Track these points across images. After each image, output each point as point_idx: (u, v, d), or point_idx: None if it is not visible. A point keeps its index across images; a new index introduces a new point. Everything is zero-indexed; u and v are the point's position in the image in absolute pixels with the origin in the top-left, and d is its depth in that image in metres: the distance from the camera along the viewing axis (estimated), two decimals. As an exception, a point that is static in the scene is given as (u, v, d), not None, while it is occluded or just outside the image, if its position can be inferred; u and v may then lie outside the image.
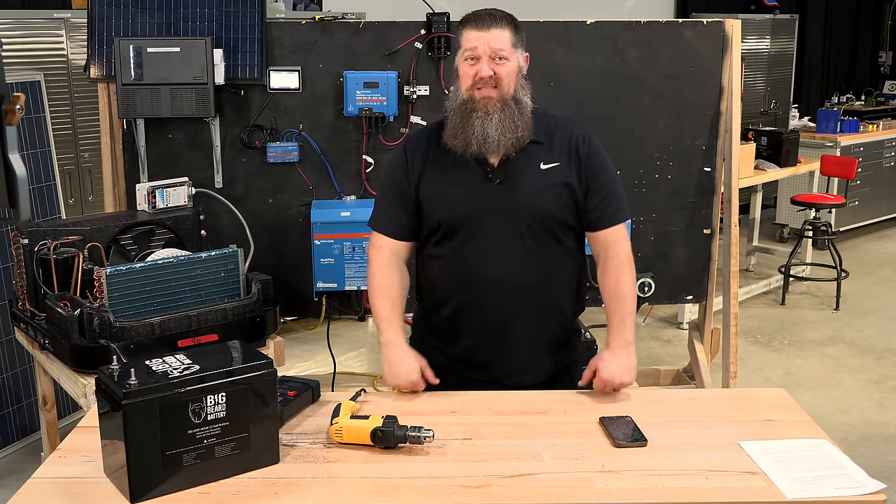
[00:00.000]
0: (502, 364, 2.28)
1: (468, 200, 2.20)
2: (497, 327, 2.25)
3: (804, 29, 8.42)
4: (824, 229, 6.00)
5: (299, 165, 3.39)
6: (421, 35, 3.33)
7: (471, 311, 2.26)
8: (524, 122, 2.17)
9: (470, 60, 2.15)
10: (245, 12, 3.26)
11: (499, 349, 2.27)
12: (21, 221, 1.71)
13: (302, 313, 3.57)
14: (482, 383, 2.27)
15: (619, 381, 2.15)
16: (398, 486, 1.74)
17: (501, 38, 2.14)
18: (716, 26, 3.48)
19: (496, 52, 2.13)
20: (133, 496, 1.66)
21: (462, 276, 2.23)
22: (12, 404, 3.67)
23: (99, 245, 2.77)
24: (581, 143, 2.23)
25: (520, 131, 2.16)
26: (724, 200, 3.67)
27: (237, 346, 1.90)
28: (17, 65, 3.89)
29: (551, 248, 2.23)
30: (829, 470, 1.79)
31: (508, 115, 2.15)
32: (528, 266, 2.21)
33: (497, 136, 2.14)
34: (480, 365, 2.29)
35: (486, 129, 2.14)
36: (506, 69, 2.15)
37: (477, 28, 2.14)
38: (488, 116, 2.14)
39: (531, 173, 2.19)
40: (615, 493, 1.72)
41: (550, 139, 2.23)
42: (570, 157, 2.22)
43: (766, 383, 4.51)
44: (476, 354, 2.29)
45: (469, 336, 2.28)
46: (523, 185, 2.19)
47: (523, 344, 2.27)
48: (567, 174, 2.21)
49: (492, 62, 2.14)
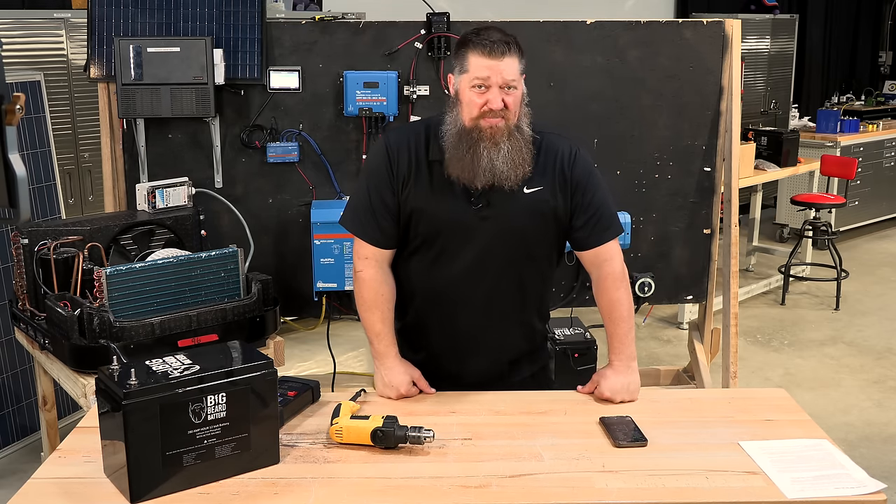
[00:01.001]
0: (470, 376, 2.26)
1: (449, 220, 2.14)
2: (464, 343, 2.25)
3: (804, 29, 8.42)
4: (824, 229, 6.00)
5: (299, 165, 3.39)
6: (421, 35, 3.33)
7: (438, 325, 2.25)
8: (529, 154, 2.11)
9: (478, 89, 2.06)
10: (245, 12, 3.26)
11: (464, 361, 2.27)
12: (21, 221, 1.71)
13: (302, 313, 3.57)
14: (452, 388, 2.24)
15: (619, 398, 2.13)
16: (398, 486, 1.74)
17: (512, 68, 2.05)
18: (716, 26, 3.48)
19: (507, 83, 2.05)
20: (133, 496, 1.66)
21: (432, 291, 2.22)
22: (12, 404, 3.67)
23: (99, 245, 2.77)
24: (567, 162, 2.17)
25: (527, 165, 2.10)
26: (724, 200, 3.67)
27: (237, 347, 1.90)
28: (17, 65, 3.89)
29: (525, 269, 2.22)
30: (829, 470, 1.79)
31: (516, 145, 2.08)
32: (500, 288, 2.20)
33: (506, 169, 2.07)
34: (448, 377, 2.26)
35: (493, 161, 2.06)
36: (514, 98, 2.07)
37: (490, 56, 2.03)
38: (497, 147, 2.07)
39: (514, 198, 2.13)
40: (615, 493, 1.72)
41: (535, 160, 2.14)
42: (556, 177, 2.16)
43: (766, 383, 4.51)
44: (443, 366, 2.27)
45: (435, 347, 2.27)
46: (505, 211, 2.14)
47: (489, 358, 2.27)
48: (550, 197, 2.16)
49: (502, 92, 2.05)
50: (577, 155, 2.19)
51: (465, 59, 2.08)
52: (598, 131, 3.44)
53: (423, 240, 2.18)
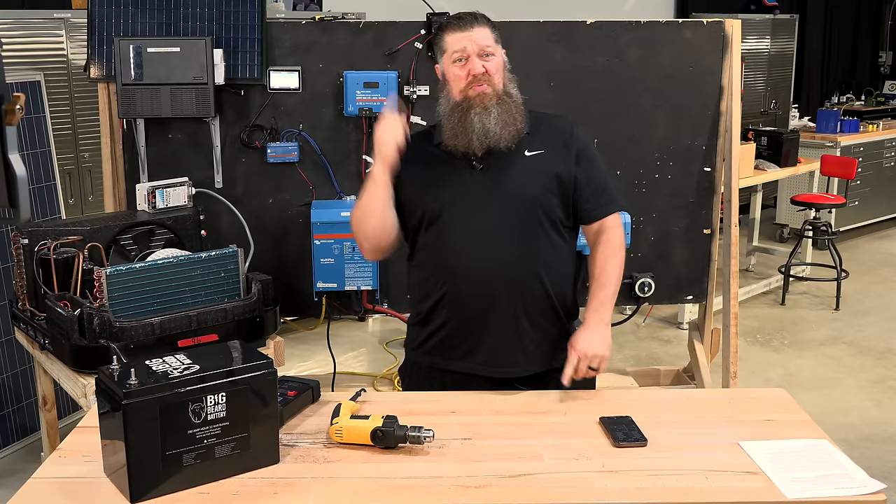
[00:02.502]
0: (485, 352, 2.23)
1: (450, 188, 2.21)
2: (481, 314, 2.22)
3: (804, 29, 8.42)
4: (824, 229, 6.00)
5: (299, 165, 3.39)
6: (421, 35, 3.33)
7: (454, 298, 2.24)
8: (521, 114, 2.21)
9: (459, 62, 2.18)
10: (245, 12, 3.26)
11: (482, 336, 2.23)
12: (21, 221, 1.71)
13: (302, 313, 3.57)
14: (466, 377, 2.24)
15: (592, 352, 2.13)
16: (398, 486, 1.74)
17: (485, 35, 2.19)
18: (716, 26, 3.48)
19: (483, 49, 2.18)
20: (133, 496, 1.66)
21: (445, 263, 2.23)
22: (12, 404, 3.67)
23: (99, 245, 2.77)
24: (569, 135, 2.26)
25: (518, 123, 2.19)
26: (724, 200, 3.67)
27: (237, 346, 1.90)
28: (17, 65, 3.89)
29: (538, 239, 2.21)
30: (829, 470, 1.79)
31: (506, 108, 2.18)
32: (512, 253, 2.19)
33: (498, 129, 2.16)
34: (463, 354, 2.25)
35: (485, 124, 2.16)
36: (495, 64, 2.20)
37: (461, 29, 2.18)
38: (487, 111, 2.16)
39: (515, 160, 2.21)
40: (615, 493, 1.72)
41: (536, 130, 2.25)
42: (559, 148, 2.24)
43: (766, 383, 4.51)
44: (459, 343, 2.25)
45: (452, 323, 2.25)
46: (506, 171, 2.20)
47: (507, 332, 2.23)
48: (554, 163, 2.22)
49: (481, 59, 2.18)
50: (576, 128, 2.30)
51: (442, 41, 2.23)
52: (598, 131, 3.44)
53: (428, 216, 2.23)
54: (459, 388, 2.22)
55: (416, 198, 2.24)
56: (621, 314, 4.62)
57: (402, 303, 3.50)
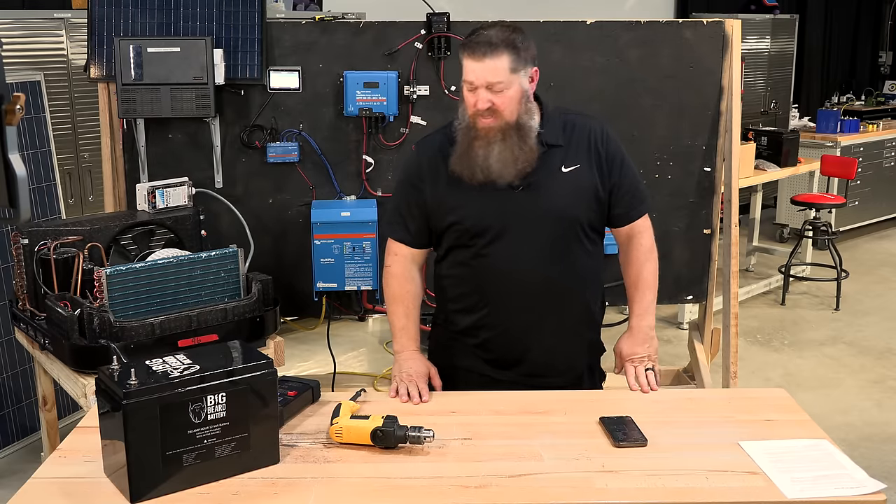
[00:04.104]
0: (532, 365, 2.29)
1: (491, 208, 2.19)
2: (526, 329, 2.25)
3: (804, 29, 8.42)
4: (824, 229, 6.00)
5: (299, 165, 3.39)
6: (421, 35, 3.33)
7: (499, 314, 2.26)
8: (524, 152, 2.14)
9: (470, 88, 2.13)
10: (245, 12, 3.26)
11: (528, 350, 2.28)
12: (21, 221, 1.71)
13: (302, 313, 3.57)
14: (511, 384, 2.27)
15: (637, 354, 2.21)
16: (398, 486, 1.74)
17: (496, 69, 2.08)
18: (716, 26, 3.48)
19: (492, 84, 2.09)
20: (133, 496, 1.66)
21: (488, 281, 2.23)
22: (12, 404, 3.67)
23: (99, 245, 2.77)
24: (600, 139, 2.24)
25: (519, 163, 2.14)
26: (724, 200, 3.67)
27: (237, 346, 1.90)
28: (17, 65, 3.88)
29: (575, 250, 2.24)
30: (829, 470, 1.79)
31: (508, 145, 2.13)
32: (554, 268, 2.21)
33: (498, 168, 2.14)
34: (509, 365, 2.30)
35: (487, 160, 2.14)
36: (503, 99, 2.11)
37: (473, 59, 2.09)
38: (489, 146, 2.13)
39: (553, 177, 2.19)
40: (615, 493, 1.72)
41: (568, 140, 2.22)
42: (591, 156, 2.22)
43: (766, 383, 4.51)
44: (506, 355, 2.30)
45: (498, 339, 2.28)
46: (545, 190, 2.18)
47: (552, 344, 2.28)
48: (589, 175, 2.21)
49: (489, 92, 2.10)
50: (608, 132, 2.27)
51: (460, 56, 2.16)
52: (598, 131, 3.44)
53: (469, 234, 2.22)
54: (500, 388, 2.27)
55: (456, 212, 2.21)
56: (621, 314, 4.63)
57: (402, 303, 3.51)
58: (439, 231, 2.27)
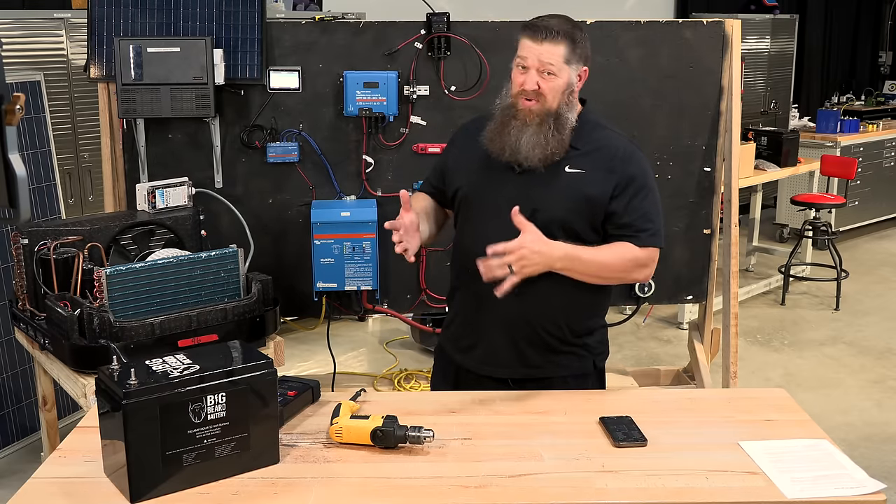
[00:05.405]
0: (482, 350, 2.28)
1: (487, 181, 2.23)
2: (481, 312, 2.25)
3: (804, 29, 8.42)
4: (824, 229, 6.00)
5: (299, 165, 3.39)
6: (421, 35, 3.33)
7: (465, 292, 2.30)
8: (557, 141, 2.15)
9: (520, 68, 2.15)
10: (245, 12, 3.26)
11: (481, 334, 2.28)
12: (21, 221, 1.71)
13: (302, 313, 3.57)
14: (467, 372, 2.31)
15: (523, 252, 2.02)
16: (398, 486, 1.74)
17: (553, 54, 2.12)
18: (716, 26, 3.48)
19: (545, 67, 2.12)
20: (133, 496, 1.66)
21: (462, 255, 2.27)
22: (12, 404, 3.67)
23: (99, 245, 2.77)
24: (620, 161, 2.19)
25: (549, 149, 2.14)
26: (724, 200, 3.67)
27: (237, 346, 1.90)
28: (17, 65, 3.88)
29: None
30: (829, 470, 1.79)
31: (543, 130, 2.14)
32: None
33: (526, 150, 2.14)
34: (465, 348, 2.32)
35: (518, 140, 2.14)
36: (551, 85, 2.13)
37: (531, 38, 2.12)
38: (525, 128, 2.14)
39: (554, 173, 2.18)
40: (615, 493, 1.72)
41: (588, 146, 2.20)
42: (602, 171, 2.18)
43: (766, 383, 4.51)
44: (463, 337, 2.32)
45: (460, 316, 2.33)
46: (541, 183, 2.18)
47: (501, 334, 2.25)
48: (590, 185, 2.17)
49: (539, 75, 2.12)
50: (635, 155, 2.23)
51: (518, 37, 2.17)
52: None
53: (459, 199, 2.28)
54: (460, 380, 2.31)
55: (456, 179, 2.30)
56: (621, 314, 4.63)
57: (401, 303, 3.51)
58: (450, 196, 2.33)
